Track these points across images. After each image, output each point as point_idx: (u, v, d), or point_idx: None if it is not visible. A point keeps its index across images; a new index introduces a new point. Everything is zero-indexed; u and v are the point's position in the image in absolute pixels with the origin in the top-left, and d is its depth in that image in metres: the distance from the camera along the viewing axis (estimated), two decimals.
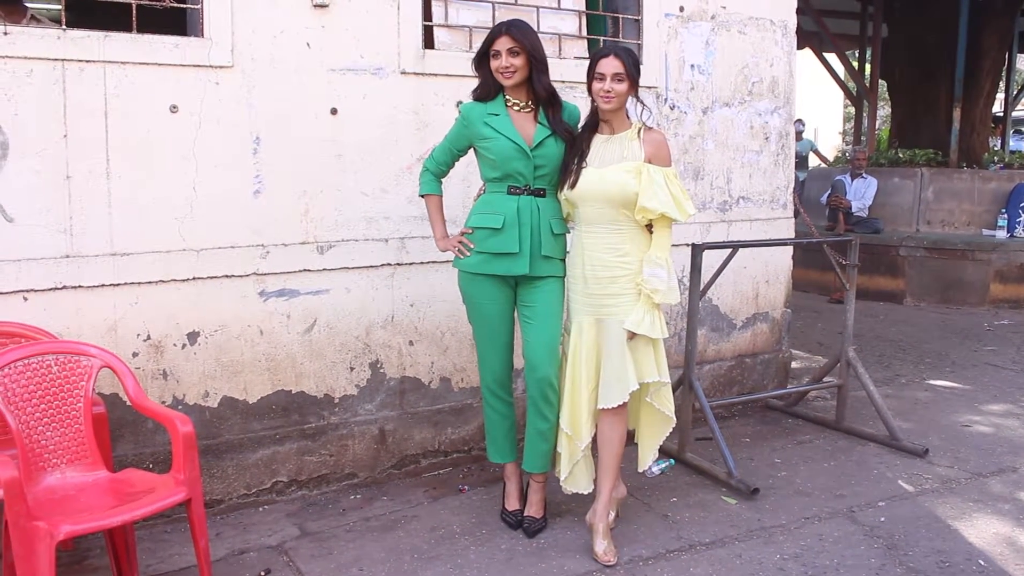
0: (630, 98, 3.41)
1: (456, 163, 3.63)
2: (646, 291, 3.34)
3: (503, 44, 3.33)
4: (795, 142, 14.21)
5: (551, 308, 3.51)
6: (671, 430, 3.68)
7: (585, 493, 3.63)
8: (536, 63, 3.36)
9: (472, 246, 3.48)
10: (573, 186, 3.39)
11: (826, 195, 9.79)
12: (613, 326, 3.39)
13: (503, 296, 3.53)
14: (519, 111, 3.45)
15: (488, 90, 3.46)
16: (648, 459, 3.74)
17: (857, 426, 4.93)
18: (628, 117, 3.48)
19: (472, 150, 3.55)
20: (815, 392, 5.52)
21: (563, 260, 3.56)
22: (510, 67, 3.34)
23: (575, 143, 3.45)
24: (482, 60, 3.42)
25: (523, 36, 3.33)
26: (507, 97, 3.45)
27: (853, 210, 9.51)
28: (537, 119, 3.45)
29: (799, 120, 14.42)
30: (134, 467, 3.33)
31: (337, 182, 3.92)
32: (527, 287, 3.52)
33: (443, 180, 3.65)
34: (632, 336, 3.37)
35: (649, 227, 3.41)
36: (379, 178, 4.02)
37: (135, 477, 3.08)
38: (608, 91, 3.31)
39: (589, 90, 3.39)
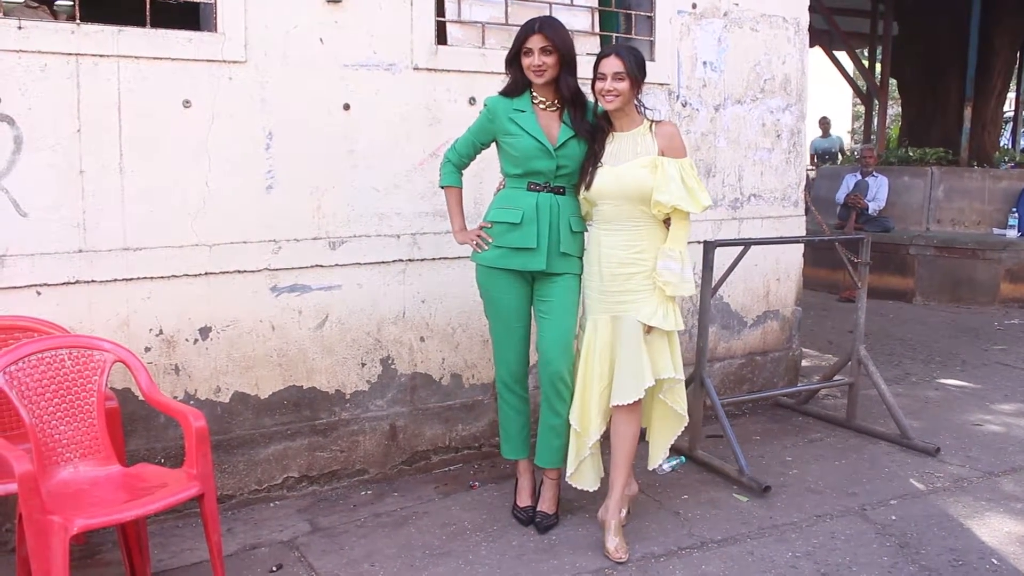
0: (643, 95, 3.42)
1: (478, 155, 3.63)
2: (659, 283, 3.35)
3: (536, 42, 3.33)
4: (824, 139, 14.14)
5: (567, 304, 3.51)
6: (683, 428, 3.68)
7: (591, 491, 3.63)
8: (566, 63, 3.36)
9: (491, 240, 3.48)
10: (588, 187, 3.41)
11: (842, 193, 9.72)
12: (629, 322, 3.39)
13: (520, 291, 3.52)
14: (545, 109, 3.44)
15: (516, 86, 3.46)
16: (659, 457, 3.74)
17: (868, 424, 4.92)
18: (640, 113, 3.47)
19: (494, 144, 3.54)
20: (825, 390, 5.51)
21: (580, 258, 3.55)
22: (542, 65, 3.33)
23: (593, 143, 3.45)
24: (514, 57, 3.41)
25: (556, 35, 3.33)
26: (534, 94, 3.45)
27: (870, 210, 9.47)
28: (562, 119, 3.45)
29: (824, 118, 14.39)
30: (146, 462, 3.33)
31: (349, 178, 3.92)
32: (544, 282, 3.51)
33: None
34: (649, 330, 3.37)
35: (667, 222, 3.41)
36: (391, 174, 4.02)
37: (148, 472, 3.08)
38: (609, 90, 3.32)
39: (593, 89, 3.39)
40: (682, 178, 3.33)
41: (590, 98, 3.50)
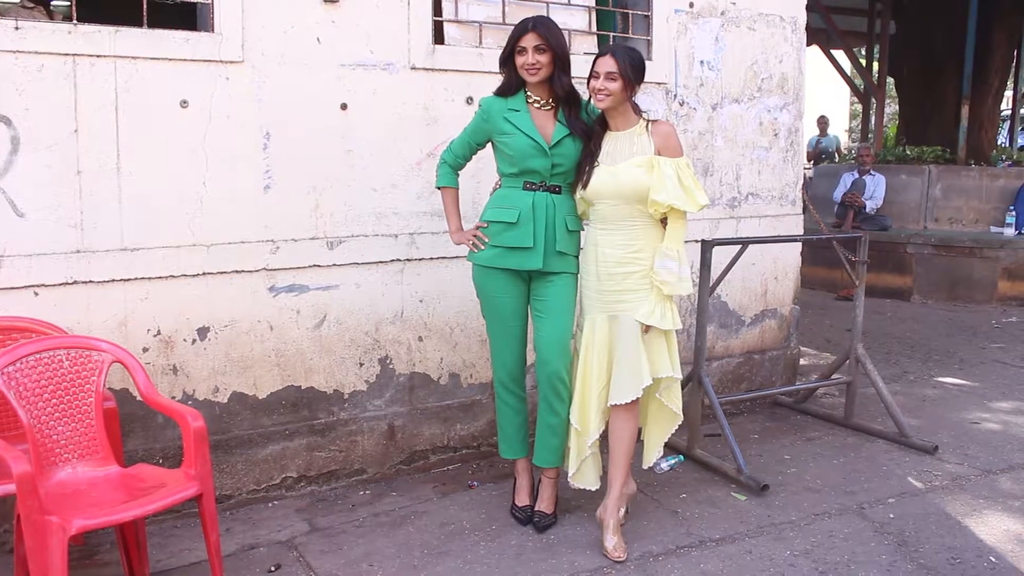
0: (641, 94, 3.42)
1: (473, 156, 3.63)
2: (656, 283, 3.35)
3: (530, 41, 3.33)
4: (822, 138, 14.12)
5: (563, 302, 3.51)
6: (677, 427, 3.68)
7: (592, 490, 3.63)
8: (560, 61, 3.36)
9: (487, 240, 3.48)
10: (585, 186, 3.42)
11: (839, 192, 9.73)
12: (627, 321, 3.39)
13: (517, 290, 3.52)
14: (539, 108, 3.45)
15: (510, 85, 3.46)
16: (654, 455, 3.75)
17: (866, 423, 4.92)
18: (637, 113, 3.47)
19: (490, 144, 3.54)
20: (823, 389, 5.51)
21: (576, 257, 3.56)
22: (536, 64, 3.34)
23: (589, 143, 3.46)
24: (508, 56, 3.41)
25: (550, 34, 3.34)
26: (528, 93, 3.45)
27: (867, 209, 9.48)
28: (557, 117, 3.45)
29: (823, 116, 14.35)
30: (145, 462, 3.33)
31: (347, 177, 3.92)
32: (540, 281, 3.52)
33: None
34: (647, 329, 3.37)
35: (664, 221, 3.41)
36: (389, 173, 4.01)
37: (146, 472, 3.08)
38: (600, 88, 3.33)
39: (588, 87, 3.40)
40: (678, 177, 3.33)
41: (586, 97, 3.50)
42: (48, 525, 2.57)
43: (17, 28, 3.23)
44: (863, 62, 13.37)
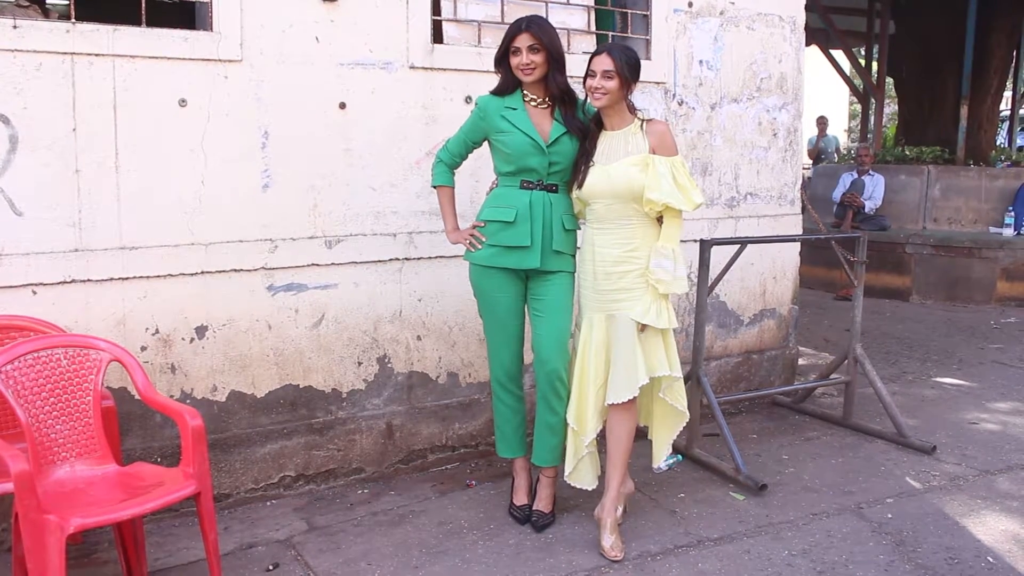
0: (640, 93, 3.41)
1: (470, 155, 3.63)
2: (651, 281, 3.35)
3: (523, 41, 3.33)
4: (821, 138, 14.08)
5: (561, 301, 3.51)
6: (684, 425, 3.68)
7: (589, 489, 3.63)
8: (554, 61, 3.36)
9: (484, 239, 3.48)
10: (581, 186, 3.42)
11: (838, 192, 9.73)
12: (623, 320, 3.39)
13: (514, 289, 3.52)
14: (536, 107, 3.45)
15: (507, 85, 3.46)
16: (662, 455, 3.74)
17: (864, 423, 4.93)
18: (632, 112, 3.47)
19: (487, 143, 3.54)
20: (822, 389, 5.51)
21: (573, 256, 3.57)
22: (530, 64, 3.34)
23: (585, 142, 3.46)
24: (503, 56, 3.41)
25: (543, 33, 3.34)
26: (525, 92, 3.45)
27: (866, 209, 9.48)
28: (553, 116, 3.45)
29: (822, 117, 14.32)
30: (143, 461, 3.33)
31: (345, 176, 3.92)
32: (538, 281, 3.52)
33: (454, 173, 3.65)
34: (642, 328, 3.37)
35: (661, 220, 3.41)
36: (387, 172, 4.01)
37: (144, 471, 3.08)
38: (597, 87, 3.33)
39: (584, 86, 3.40)
40: (673, 176, 3.33)
41: (582, 97, 3.50)
42: (46, 524, 2.57)
43: (15, 27, 3.22)
44: (862, 62, 13.37)
